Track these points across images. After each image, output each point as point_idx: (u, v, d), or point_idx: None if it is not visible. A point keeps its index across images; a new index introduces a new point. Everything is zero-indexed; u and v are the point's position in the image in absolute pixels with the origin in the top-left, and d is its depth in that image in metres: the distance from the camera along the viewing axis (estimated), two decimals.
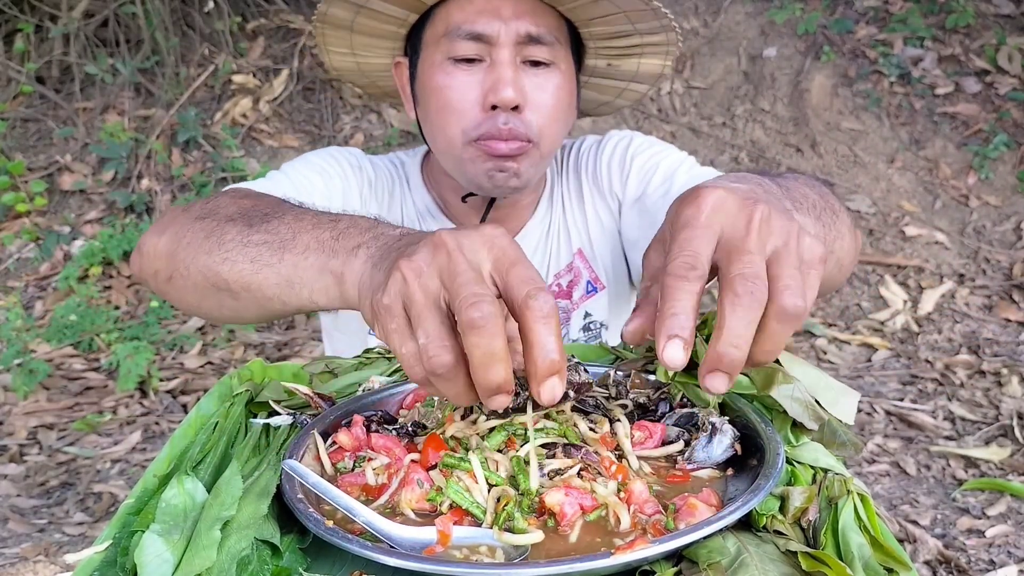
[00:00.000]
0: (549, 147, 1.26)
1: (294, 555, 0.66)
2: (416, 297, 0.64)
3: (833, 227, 0.93)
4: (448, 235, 0.66)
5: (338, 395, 0.91)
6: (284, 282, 0.84)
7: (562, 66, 1.24)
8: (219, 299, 0.93)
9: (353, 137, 4.09)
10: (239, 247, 0.89)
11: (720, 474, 0.75)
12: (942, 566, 2.20)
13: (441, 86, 1.21)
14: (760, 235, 0.65)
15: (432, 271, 0.64)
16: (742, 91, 4.31)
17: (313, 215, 0.87)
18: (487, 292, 0.62)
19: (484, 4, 1.19)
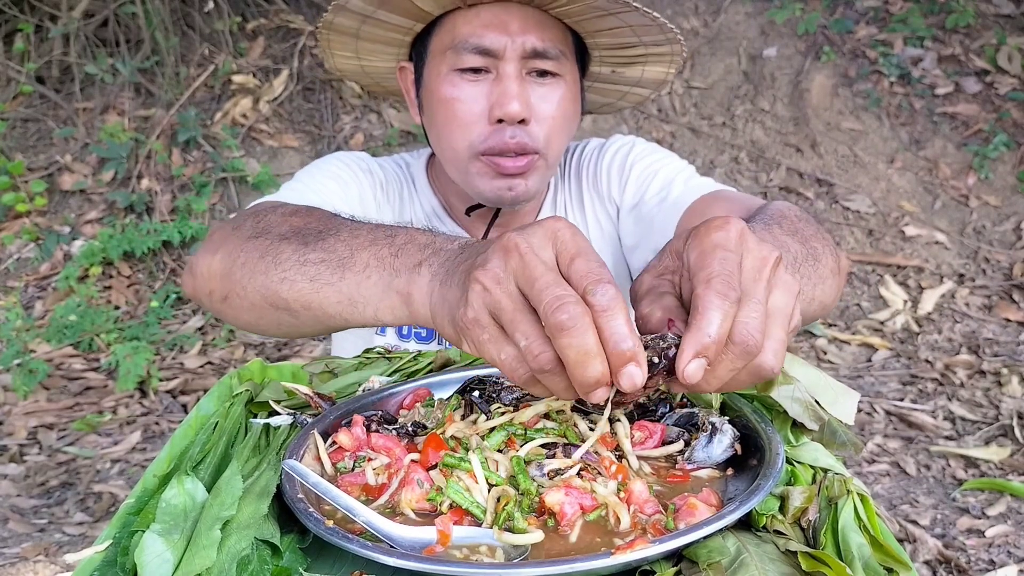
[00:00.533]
0: (555, 157, 1.28)
1: (294, 555, 0.66)
2: (504, 304, 0.65)
3: (814, 274, 0.93)
4: (517, 236, 0.67)
5: (338, 395, 0.91)
6: (346, 300, 0.84)
7: (567, 77, 1.25)
8: (278, 317, 0.93)
9: (353, 137, 4.09)
10: (296, 266, 0.88)
11: (720, 474, 0.75)
12: (942, 566, 2.20)
13: (447, 98, 1.22)
14: (769, 285, 0.67)
15: (509, 276, 0.65)
16: (742, 91, 4.31)
17: (369, 230, 0.87)
18: (569, 292, 0.63)
19: (491, 18, 1.19)
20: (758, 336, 0.64)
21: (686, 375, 0.63)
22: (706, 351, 0.63)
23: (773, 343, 0.66)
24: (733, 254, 0.66)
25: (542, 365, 0.64)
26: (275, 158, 3.99)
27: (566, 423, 0.78)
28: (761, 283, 0.66)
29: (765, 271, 0.67)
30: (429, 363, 0.96)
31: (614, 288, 0.63)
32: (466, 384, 0.87)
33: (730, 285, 0.64)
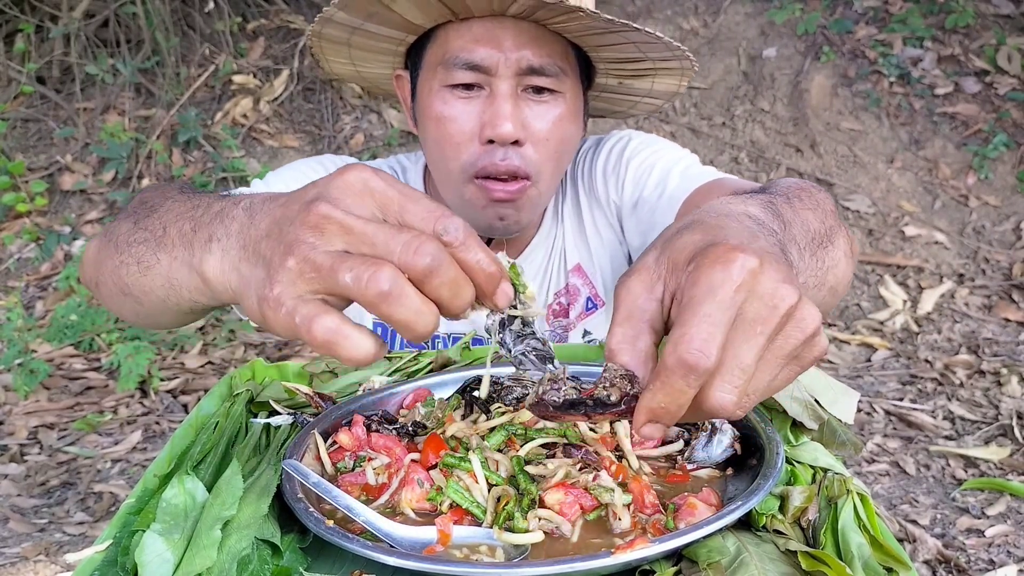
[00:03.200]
0: (550, 182, 1.22)
1: (294, 555, 0.66)
2: (321, 262, 0.59)
3: (828, 257, 0.86)
4: (328, 205, 0.60)
5: (339, 395, 0.91)
6: (167, 283, 0.77)
7: (567, 94, 1.19)
8: (131, 307, 0.88)
9: (353, 137, 4.09)
10: (127, 248, 0.83)
11: (720, 474, 0.76)
12: (942, 566, 2.20)
13: (438, 116, 1.17)
14: (779, 329, 0.58)
15: (328, 245, 0.60)
16: (742, 91, 4.31)
17: (186, 200, 0.78)
18: (417, 233, 0.59)
19: (482, 32, 1.13)
20: (729, 405, 0.57)
21: (641, 433, 0.60)
22: (659, 418, 0.58)
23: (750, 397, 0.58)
24: (719, 310, 0.56)
25: (381, 288, 0.57)
26: (275, 158, 3.99)
27: (566, 423, 0.79)
28: (754, 340, 0.57)
29: (770, 323, 0.57)
30: (429, 363, 0.96)
31: (459, 219, 0.61)
32: (466, 384, 0.87)
33: (698, 356, 0.55)
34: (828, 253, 0.86)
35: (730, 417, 0.59)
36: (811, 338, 0.59)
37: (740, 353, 0.57)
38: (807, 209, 0.84)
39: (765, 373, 0.58)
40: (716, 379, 0.57)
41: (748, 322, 0.57)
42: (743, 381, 0.57)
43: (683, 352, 0.55)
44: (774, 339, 0.58)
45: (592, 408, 0.62)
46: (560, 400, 0.64)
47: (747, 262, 0.57)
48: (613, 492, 0.68)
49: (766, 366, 0.58)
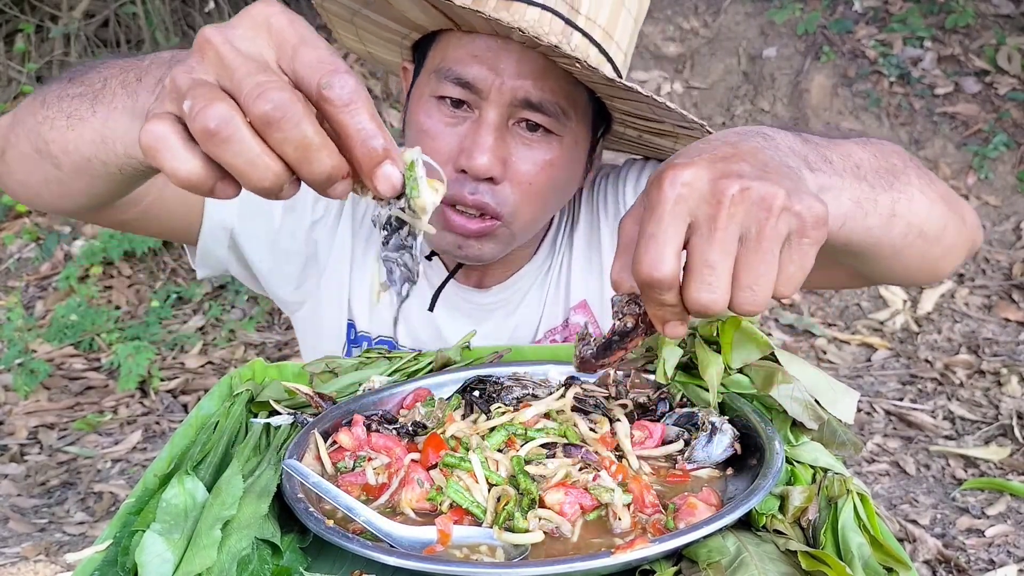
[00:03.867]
0: (524, 227, 1.10)
1: (294, 554, 0.66)
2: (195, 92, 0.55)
3: (890, 188, 0.83)
4: (213, 30, 0.57)
5: (338, 395, 0.91)
6: (99, 139, 0.75)
7: (565, 139, 1.06)
8: (43, 169, 0.84)
9: None
10: (57, 102, 0.80)
11: (720, 474, 0.76)
12: (942, 565, 2.20)
13: (420, 128, 1.06)
14: (730, 217, 0.62)
15: (201, 73, 0.56)
16: (742, 91, 4.31)
17: (129, 57, 0.77)
18: (273, 78, 0.54)
19: (483, 49, 1.02)
20: (712, 303, 0.62)
21: (668, 334, 0.67)
22: (667, 320, 0.65)
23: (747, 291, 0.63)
24: (667, 219, 0.62)
25: (209, 125, 0.53)
26: None
27: (566, 423, 0.79)
28: (715, 235, 0.62)
29: (720, 218, 0.61)
30: (429, 363, 0.96)
31: (354, 78, 0.55)
32: (466, 384, 0.87)
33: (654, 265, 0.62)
34: (891, 182, 0.83)
35: (746, 313, 0.64)
36: (781, 212, 0.62)
37: (704, 253, 0.62)
38: (852, 144, 0.83)
39: (757, 262, 0.62)
40: (690, 282, 0.63)
41: (702, 223, 0.62)
42: (714, 277, 0.62)
43: (637, 273, 0.63)
44: (735, 229, 0.62)
45: (620, 341, 0.71)
46: (594, 349, 0.73)
47: (681, 175, 0.62)
48: (613, 492, 0.68)
49: (752, 255, 0.62)
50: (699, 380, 0.84)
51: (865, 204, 0.80)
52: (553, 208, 1.14)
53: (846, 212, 0.77)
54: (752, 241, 0.62)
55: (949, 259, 0.98)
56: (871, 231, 0.82)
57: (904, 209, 0.85)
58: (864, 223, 0.80)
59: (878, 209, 0.82)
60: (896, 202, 0.83)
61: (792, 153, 0.72)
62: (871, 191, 0.81)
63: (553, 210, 1.15)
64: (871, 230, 0.82)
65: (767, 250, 0.62)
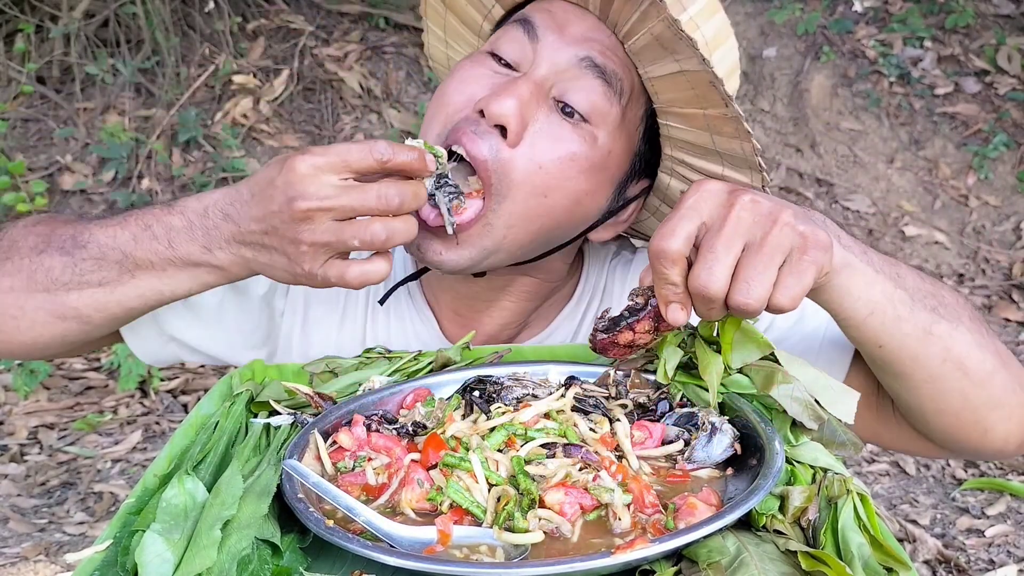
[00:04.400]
0: (507, 227, 0.93)
1: (294, 554, 0.66)
2: (330, 240, 0.83)
3: (932, 310, 0.86)
4: (299, 201, 0.81)
5: (339, 395, 0.91)
6: (151, 293, 0.93)
7: (601, 134, 0.94)
8: (64, 328, 0.96)
9: (353, 137, 4.09)
10: (76, 276, 0.93)
11: (720, 474, 0.76)
12: (941, 565, 2.20)
13: (460, 71, 0.98)
14: (739, 220, 0.73)
15: (322, 226, 0.82)
16: (742, 91, 4.31)
17: (119, 227, 0.92)
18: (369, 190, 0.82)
19: (560, 9, 0.95)
20: (710, 284, 0.72)
21: (669, 318, 0.76)
22: (670, 298, 0.75)
23: (743, 284, 0.72)
24: (684, 210, 0.75)
25: (381, 236, 0.82)
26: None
27: (566, 423, 0.79)
28: (723, 231, 0.73)
29: (730, 218, 0.73)
30: (429, 363, 0.96)
31: (380, 141, 0.83)
32: (466, 384, 0.87)
33: (667, 237, 0.74)
34: (934, 308, 0.87)
35: (740, 308, 0.73)
36: (785, 226, 0.73)
37: (711, 241, 0.73)
38: (904, 266, 0.89)
39: (757, 262, 0.72)
40: (695, 267, 0.73)
41: (714, 221, 0.74)
42: (716, 263, 0.72)
43: (651, 246, 0.75)
44: (741, 231, 0.73)
45: (629, 317, 0.80)
46: (606, 323, 0.81)
47: (705, 184, 0.76)
48: (613, 492, 0.68)
49: (753, 255, 0.72)
50: (699, 380, 0.84)
51: (899, 307, 0.84)
52: (548, 228, 0.96)
53: (875, 302, 0.83)
54: (755, 245, 0.73)
55: (998, 416, 0.92)
56: (905, 339, 0.86)
57: (944, 332, 0.87)
58: (897, 326, 0.85)
59: (914, 319, 0.85)
60: (935, 323, 0.87)
61: (826, 224, 0.81)
62: (908, 300, 0.85)
63: (549, 230, 0.97)
64: (905, 337, 0.85)
65: (767, 254, 0.72)
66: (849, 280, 0.81)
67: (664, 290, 0.75)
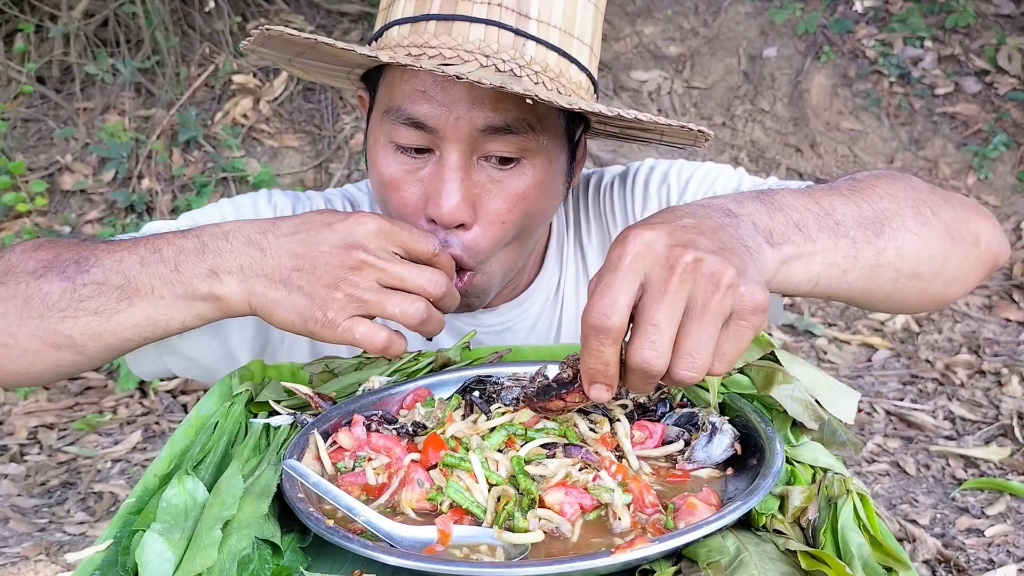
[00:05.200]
0: (504, 265, 1.02)
1: (295, 554, 0.67)
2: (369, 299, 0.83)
3: (876, 238, 0.86)
4: (358, 251, 0.83)
5: (338, 395, 0.91)
6: (145, 323, 0.89)
7: (537, 159, 0.97)
8: (57, 358, 0.93)
9: (353, 137, 4.09)
10: (73, 303, 0.89)
11: (720, 474, 0.76)
12: (941, 565, 2.20)
13: (382, 179, 0.99)
14: (681, 283, 0.66)
15: (367, 282, 0.83)
16: (742, 91, 4.31)
17: (127, 251, 0.89)
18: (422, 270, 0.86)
19: (430, 84, 0.92)
20: (654, 361, 0.65)
21: (591, 396, 0.70)
22: (596, 378, 0.68)
23: (686, 358, 0.66)
24: (621, 274, 0.67)
25: (422, 316, 0.84)
26: (275, 158, 3.99)
27: (566, 423, 0.79)
28: (664, 298, 0.66)
29: (672, 282, 0.66)
30: (429, 363, 0.96)
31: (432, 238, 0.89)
32: (466, 384, 0.87)
33: (605, 315, 0.66)
34: (878, 235, 0.86)
35: (681, 381, 0.67)
36: (728, 289, 0.66)
37: (651, 313, 0.66)
38: (838, 196, 0.87)
39: (700, 332, 0.66)
40: (635, 339, 0.66)
41: (654, 285, 0.67)
42: (659, 337, 0.65)
43: (586, 317, 0.67)
44: (683, 296, 0.66)
45: (558, 389, 0.74)
46: (535, 389, 0.77)
47: (642, 236, 0.68)
48: (613, 492, 0.68)
49: (695, 324, 0.66)
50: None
51: (842, 262, 0.83)
52: (535, 236, 1.06)
53: (818, 273, 0.82)
54: (697, 311, 0.66)
55: (957, 286, 0.98)
56: (853, 284, 0.86)
57: (892, 257, 0.87)
58: (843, 279, 0.84)
59: (859, 264, 0.85)
60: (882, 252, 0.86)
61: (755, 229, 0.76)
62: (851, 247, 0.84)
63: (534, 235, 1.05)
64: (853, 284, 0.86)
65: (710, 322, 0.66)
66: (788, 272, 0.79)
67: (593, 369, 0.68)
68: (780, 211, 0.80)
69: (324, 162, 4.02)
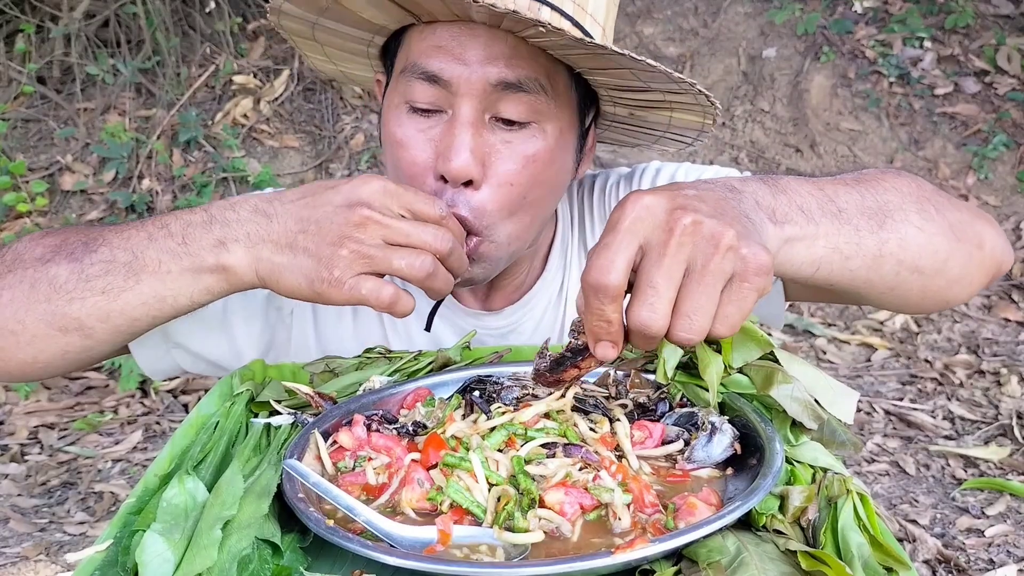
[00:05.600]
0: (512, 237, 1.01)
1: (295, 554, 0.67)
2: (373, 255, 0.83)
3: (879, 228, 0.85)
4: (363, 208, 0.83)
5: (339, 395, 0.91)
6: (153, 300, 0.89)
7: (548, 125, 0.98)
8: (66, 342, 0.92)
9: (354, 137, 4.09)
10: (81, 283, 0.89)
11: (720, 473, 0.76)
12: (941, 565, 2.20)
13: (393, 139, 0.99)
14: (680, 245, 0.66)
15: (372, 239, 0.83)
16: (742, 91, 4.31)
17: (137, 228, 0.90)
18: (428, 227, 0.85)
19: (447, 38, 0.94)
20: (651, 322, 0.66)
21: (598, 355, 0.70)
22: (601, 335, 0.69)
23: (684, 319, 0.67)
24: (621, 235, 0.67)
25: (428, 269, 0.83)
26: (276, 158, 3.99)
27: (566, 423, 0.79)
28: (663, 260, 0.66)
29: (670, 245, 0.66)
30: (429, 363, 0.96)
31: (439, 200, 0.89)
32: (466, 384, 0.87)
33: (605, 269, 0.66)
34: (881, 225, 0.86)
35: (680, 342, 0.68)
36: (728, 250, 0.66)
37: (650, 275, 0.67)
38: (842, 185, 0.87)
39: (698, 294, 0.66)
40: (634, 301, 0.67)
41: (653, 248, 0.67)
42: (657, 299, 0.66)
43: (585, 276, 0.68)
44: (682, 259, 0.67)
45: (572, 358, 0.74)
46: (548, 363, 0.76)
47: (642, 199, 0.68)
48: (613, 492, 0.68)
49: (694, 286, 0.67)
50: (699, 380, 0.84)
51: (845, 248, 0.83)
52: (544, 210, 1.05)
53: (820, 257, 0.81)
54: (696, 273, 0.67)
55: (959, 288, 0.97)
56: (855, 273, 0.85)
57: (894, 248, 0.87)
58: (845, 266, 0.84)
59: (861, 252, 0.84)
60: (884, 243, 0.86)
61: (757, 207, 0.77)
62: (854, 234, 0.84)
63: (544, 212, 1.05)
64: (855, 272, 0.85)
65: (709, 284, 0.66)
66: (790, 252, 0.79)
67: (597, 327, 0.69)
68: (783, 193, 0.81)
69: (324, 162, 4.02)
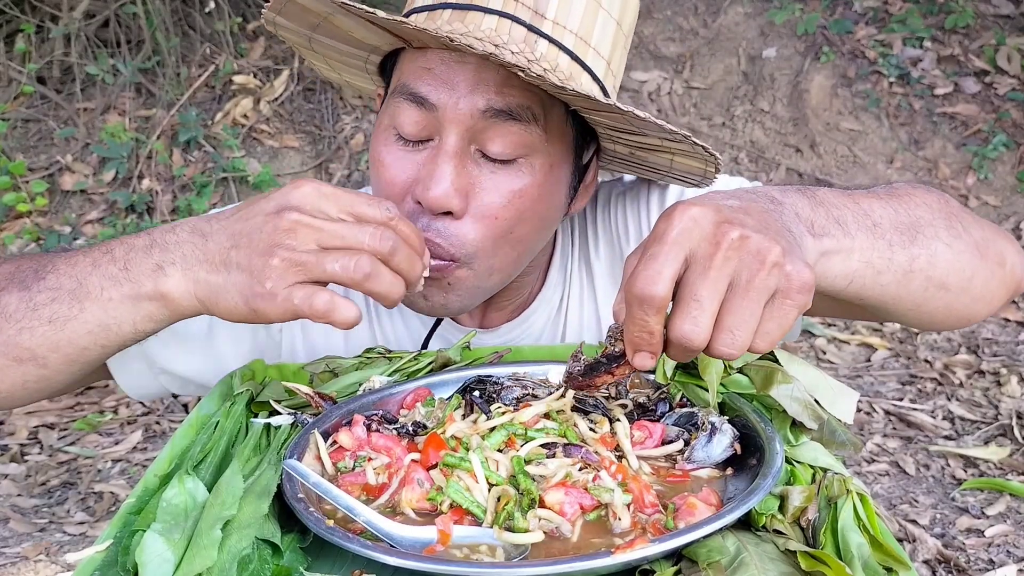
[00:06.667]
0: (493, 269, 0.97)
1: (295, 554, 0.67)
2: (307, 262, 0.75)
3: (911, 244, 0.86)
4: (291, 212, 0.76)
5: (339, 395, 0.91)
6: (98, 328, 0.85)
7: (537, 160, 0.94)
8: (23, 372, 0.89)
9: (353, 137, 4.09)
10: (29, 312, 0.86)
11: (720, 473, 0.76)
12: (941, 565, 2.20)
13: (377, 158, 0.97)
14: (726, 260, 0.66)
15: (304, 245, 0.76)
16: (741, 91, 4.31)
17: (84, 254, 0.87)
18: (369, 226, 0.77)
19: (437, 62, 0.91)
20: (694, 336, 0.65)
21: (636, 364, 0.69)
22: (641, 346, 0.68)
23: (727, 334, 0.66)
24: (667, 246, 0.66)
25: (366, 270, 0.75)
26: (276, 158, 3.99)
27: (566, 423, 0.79)
28: (709, 274, 0.66)
29: (716, 258, 0.66)
30: (429, 363, 0.96)
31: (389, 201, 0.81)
32: (466, 384, 0.87)
33: (651, 280, 0.65)
34: (912, 238, 0.86)
35: (722, 356, 0.67)
36: (773, 267, 0.66)
37: (695, 287, 0.66)
38: (876, 199, 0.87)
39: (742, 309, 0.66)
40: (676, 313, 0.66)
41: (698, 260, 0.66)
42: (701, 312, 0.65)
43: (630, 286, 0.66)
44: (727, 272, 0.66)
45: (607, 364, 0.73)
46: (582, 367, 0.75)
47: (689, 211, 0.67)
48: (613, 492, 0.68)
49: (738, 301, 0.66)
50: (699, 380, 0.84)
51: (878, 263, 0.83)
52: (530, 245, 1.01)
53: (854, 271, 0.81)
54: (741, 288, 0.66)
55: (981, 306, 0.98)
56: (885, 288, 0.85)
57: (924, 264, 0.87)
58: (876, 281, 0.83)
59: (893, 267, 0.84)
60: (915, 259, 0.86)
61: (797, 219, 0.76)
62: (887, 249, 0.83)
63: (532, 248, 1.01)
64: (885, 287, 0.85)
65: (753, 299, 0.66)
66: (826, 265, 0.79)
67: (638, 338, 0.68)
68: (821, 206, 0.80)
69: (324, 162, 4.02)
